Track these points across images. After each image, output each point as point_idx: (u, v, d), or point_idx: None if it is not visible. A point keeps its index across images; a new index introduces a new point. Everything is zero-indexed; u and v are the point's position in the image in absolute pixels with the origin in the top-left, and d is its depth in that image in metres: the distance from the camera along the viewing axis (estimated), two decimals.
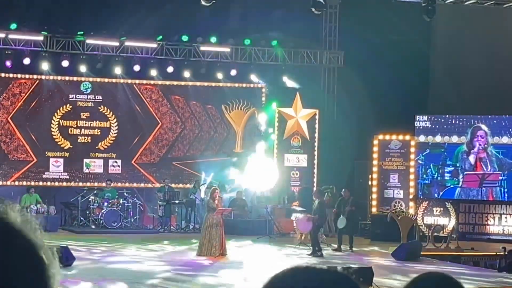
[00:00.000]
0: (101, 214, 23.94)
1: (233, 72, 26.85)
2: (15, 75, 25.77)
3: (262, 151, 26.54)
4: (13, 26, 24.90)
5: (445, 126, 24.93)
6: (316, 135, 26.84)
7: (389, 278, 15.59)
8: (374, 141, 25.49)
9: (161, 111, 27.01)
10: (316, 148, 26.81)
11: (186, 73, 26.61)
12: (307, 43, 27.52)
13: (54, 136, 26.09)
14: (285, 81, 27.12)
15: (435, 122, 25.02)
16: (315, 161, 26.75)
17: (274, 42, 27.01)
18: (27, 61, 25.18)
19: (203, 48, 26.58)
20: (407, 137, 25.30)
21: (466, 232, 23.72)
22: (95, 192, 24.60)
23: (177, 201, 25.10)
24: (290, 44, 27.15)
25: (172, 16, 24.83)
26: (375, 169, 25.42)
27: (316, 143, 26.81)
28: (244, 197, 25.54)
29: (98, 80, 26.35)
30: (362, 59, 25.77)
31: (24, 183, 25.40)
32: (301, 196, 25.40)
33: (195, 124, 27.35)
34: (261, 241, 22.26)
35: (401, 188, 25.29)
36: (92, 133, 26.45)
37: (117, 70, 26.12)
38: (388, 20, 24.92)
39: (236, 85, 27.32)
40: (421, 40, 26.67)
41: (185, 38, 26.31)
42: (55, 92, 26.15)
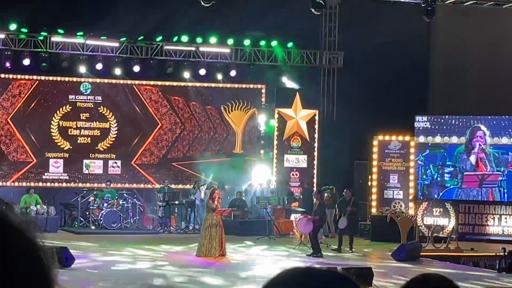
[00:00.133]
0: (101, 215, 23.93)
1: (233, 73, 26.86)
2: (15, 76, 25.78)
3: (262, 152, 26.58)
4: (13, 27, 24.92)
5: (445, 127, 24.92)
6: (316, 136, 26.83)
7: (389, 279, 15.58)
8: (374, 142, 25.49)
9: (161, 112, 27.01)
10: (316, 149, 26.80)
11: (186, 74, 26.61)
12: (307, 44, 27.53)
13: (54, 137, 26.08)
14: (285, 82, 27.13)
15: (435, 123, 25.01)
16: (315, 162, 26.75)
17: (274, 43, 27.02)
18: (27, 62, 25.18)
19: (203, 49, 26.59)
20: (407, 138, 25.30)
21: (466, 233, 23.70)
22: (95, 193, 24.59)
23: (177, 202, 25.09)
24: (290, 45, 27.15)
25: (172, 17, 24.82)
26: (375, 170, 25.42)
27: (316, 144, 26.81)
28: (244, 198, 25.55)
29: (98, 81, 26.36)
30: (362, 60, 25.76)
31: (24, 184, 25.40)
32: (304, 197, 25.37)
33: (195, 125, 27.34)
34: (261, 242, 22.26)
35: (401, 189, 25.29)
36: (92, 134, 26.45)
37: (117, 71, 26.13)
38: (388, 21, 24.90)
39: (236, 86, 27.32)
40: (421, 41, 26.66)
41: (185, 39, 26.32)
42: (55, 93, 26.16)
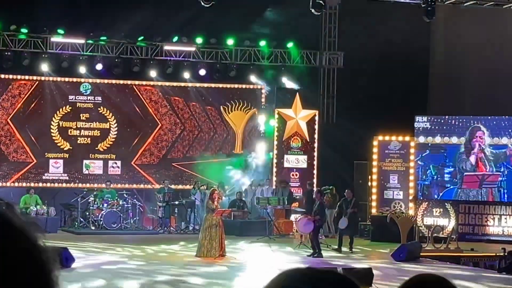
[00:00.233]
0: (101, 215, 23.93)
1: (233, 73, 26.85)
2: (15, 76, 25.78)
3: (263, 152, 26.58)
4: (13, 27, 24.92)
5: (445, 127, 24.92)
6: (316, 136, 26.82)
7: (389, 279, 15.58)
8: (374, 142, 25.48)
9: (161, 112, 27.01)
10: (316, 149, 26.79)
11: (186, 74, 26.61)
12: (307, 44, 27.53)
13: (54, 137, 26.08)
14: (285, 82, 27.12)
15: (435, 123, 25.01)
16: (315, 162, 26.74)
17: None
18: (27, 62, 25.18)
19: (203, 49, 26.58)
20: (407, 138, 25.30)
21: (466, 233, 23.69)
22: (95, 193, 24.59)
23: (177, 202, 25.10)
24: (290, 45, 27.14)
25: (172, 17, 24.83)
26: (375, 170, 25.42)
27: (316, 144, 26.80)
28: (244, 198, 25.55)
29: (98, 81, 26.36)
30: (362, 60, 25.77)
31: (24, 184, 25.40)
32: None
33: (195, 125, 27.34)
34: (261, 242, 22.25)
35: (401, 189, 25.29)
36: (92, 134, 26.45)
37: (117, 71, 26.13)
38: (388, 21, 24.91)
39: (236, 86, 27.32)
40: (421, 41, 26.66)
41: (185, 39, 26.32)
42: (55, 93, 26.15)
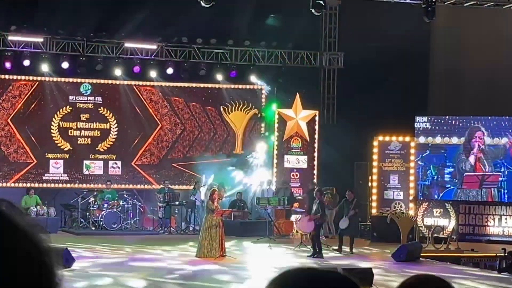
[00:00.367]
0: (101, 216, 23.93)
1: (233, 74, 26.86)
2: (15, 77, 25.78)
3: (263, 152, 26.58)
4: (13, 28, 24.91)
5: (445, 127, 24.92)
6: (316, 136, 26.82)
7: (389, 280, 15.57)
8: (374, 142, 25.48)
9: (161, 113, 27.01)
10: (316, 149, 26.79)
11: (186, 75, 26.61)
12: (307, 45, 27.53)
13: (54, 138, 26.08)
14: (285, 83, 27.10)
15: (435, 123, 25.00)
16: (315, 162, 26.74)
17: (274, 44, 27.02)
18: (27, 63, 25.19)
19: (203, 50, 26.59)
20: (407, 138, 25.29)
21: (466, 233, 23.69)
22: (95, 194, 24.59)
23: (177, 203, 25.09)
24: (290, 46, 27.15)
25: (172, 17, 24.82)
26: (375, 171, 25.41)
27: (316, 144, 26.80)
28: (244, 198, 25.54)
29: (98, 82, 26.36)
30: (362, 60, 25.75)
31: (24, 185, 25.39)
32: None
33: (195, 126, 27.34)
34: (261, 243, 22.25)
35: (401, 189, 25.28)
36: (92, 135, 26.46)
37: (117, 72, 26.13)
38: (388, 21, 24.90)
39: (236, 87, 27.33)
40: (421, 41, 26.66)
41: (185, 40, 26.32)
42: (55, 94, 26.15)
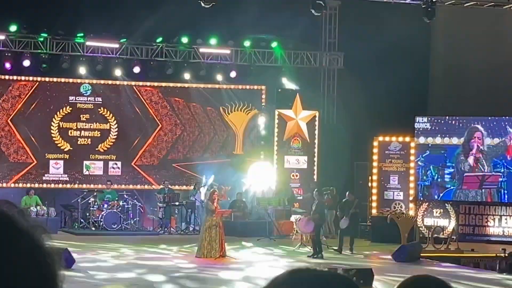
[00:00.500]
0: (101, 216, 23.93)
1: (233, 74, 26.86)
2: (15, 77, 25.76)
3: (262, 153, 26.60)
4: (13, 28, 24.91)
5: (445, 128, 24.90)
6: (316, 137, 26.82)
7: (389, 280, 15.57)
8: (374, 143, 25.47)
9: (161, 113, 27.00)
10: (316, 150, 26.79)
11: (186, 75, 26.61)
12: (307, 45, 27.52)
13: (54, 138, 26.08)
14: (285, 83, 27.11)
15: (435, 124, 24.99)
16: (315, 163, 26.74)
17: (274, 44, 27.02)
18: (27, 63, 25.17)
19: (203, 50, 26.58)
20: (407, 139, 25.28)
21: (466, 234, 23.69)
22: (95, 194, 24.60)
23: (177, 203, 25.09)
24: (290, 46, 27.15)
25: (172, 18, 24.80)
26: (375, 171, 25.40)
27: (316, 145, 26.80)
28: (244, 199, 25.54)
29: (98, 82, 26.35)
30: (362, 61, 25.73)
31: (24, 185, 25.39)
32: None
33: (195, 126, 27.33)
34: (261, 243, 22.25)
35: (401, 190, 25.27)
36: (92, 135, 26.45)
37: (117, 72, 26.12)
38: (388, 22, 24.89)
39: (236, 87, 27.32)
40: (421, 42, 26.65)
41: (185, 40, 26.32)
42: (55, 94, 26.14)
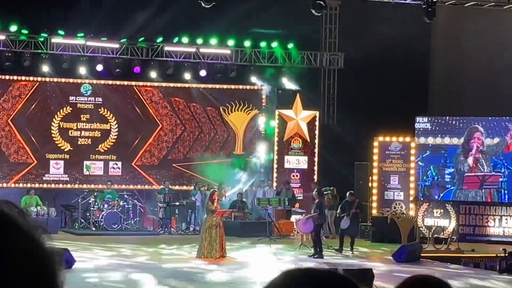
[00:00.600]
0: (101, 216, 23.93)
1: (233, 74, 26.86)
2: (15, 77, 25.77)
3: (263, 153, 26.60)
4: (14, 28, 24.91)
5: (445, 128, 24.91)
6: (316, 137, 26.83)
7: (389, 280, 15.56)
8: (374, 143, 25.48)
9: (161, 113, 27.00)
10: (316, 150, 26.80)
11: (186, 75, 26.61)
12: (307, 45, 27.52)
13: (54, 138, 26.08)
14: (285, 83, 27.12)
15: (435, 124, 25.00)
16: (315, 163, 26.74)
17: (274, 44, 27.02)
18: (27, 63, 25.18)
19: (203, 50, 26.59)
20: (407, 139, 25.29)
21: (467, 234, 23.68)
22: (95, 194, 24.60)
23: (177, 203, 25.10)
24: (290, 46, 27.14)
25: (172, 18, 24.82)
26: (375, 171, 25.41)
27: (316, 145, 26.81)
28: (245, 199, 25.54)
29: (98, 82, 26.35)
30: (362, 61, 25.76)
31: (24, 185, 25.39)
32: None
33: (195, 126, 27.33)
34: (262, 243, 22.25)
35: (401, 190, 25.28)
36: (92, 135, 26.45)
37: (117, 72, 26.11)
38: (388, 22, 24.91)
39: (236, 87, 27.32)
40: (421, 42, 26.66)
41: (185, 40, 26.33)
42: (55, 95, 26.14)
